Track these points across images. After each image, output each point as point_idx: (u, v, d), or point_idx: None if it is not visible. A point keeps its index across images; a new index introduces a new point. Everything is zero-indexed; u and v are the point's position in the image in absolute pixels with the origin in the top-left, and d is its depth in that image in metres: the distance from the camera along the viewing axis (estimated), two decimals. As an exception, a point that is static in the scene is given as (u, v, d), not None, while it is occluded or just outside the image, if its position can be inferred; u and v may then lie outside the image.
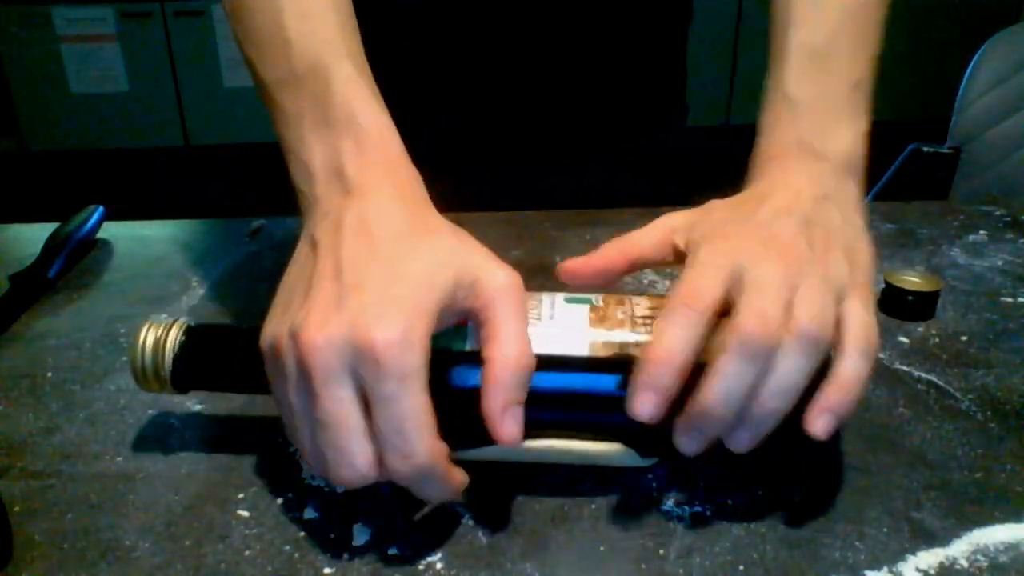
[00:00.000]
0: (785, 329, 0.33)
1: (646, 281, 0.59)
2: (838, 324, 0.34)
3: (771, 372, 0.33)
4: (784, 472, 0.39)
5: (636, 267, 0.41)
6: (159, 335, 0.38)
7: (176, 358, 0.38)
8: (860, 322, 0.34)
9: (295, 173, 0.40)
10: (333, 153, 0.38)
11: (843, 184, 0.40)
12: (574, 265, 0.41)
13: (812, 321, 0.33)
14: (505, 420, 0.32)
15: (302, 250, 0.37)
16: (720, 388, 0.32)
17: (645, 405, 0.33)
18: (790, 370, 0.33)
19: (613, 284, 0.41)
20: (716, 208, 0.40)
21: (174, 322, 0.39)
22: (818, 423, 0.33)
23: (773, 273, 0.34)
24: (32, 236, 0.65)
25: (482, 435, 0.33)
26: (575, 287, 0.41)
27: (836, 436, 0.42)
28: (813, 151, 0.41)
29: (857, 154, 0.42)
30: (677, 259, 0.39)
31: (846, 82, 0.43)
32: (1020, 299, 0.57)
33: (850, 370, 0.33)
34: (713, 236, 0.37)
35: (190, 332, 0.39)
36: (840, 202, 0.39)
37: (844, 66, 0.44)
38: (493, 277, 0.34)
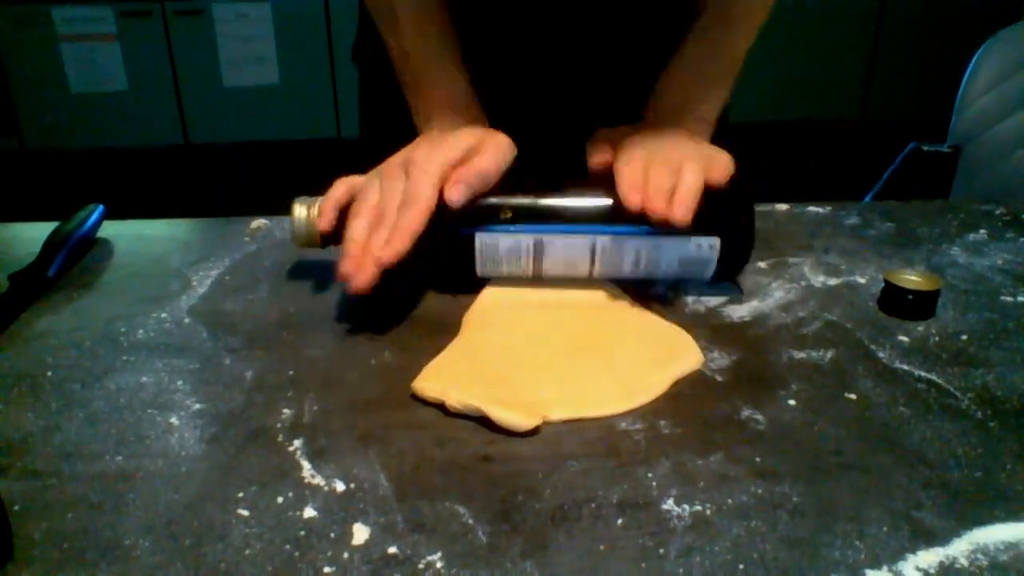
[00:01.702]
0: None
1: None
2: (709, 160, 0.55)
3: (681, 174, 0.53)
4: (784, 471, 0.39)
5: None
6: (309, 209, 0.57)
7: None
8: (720, 154, 0.56)
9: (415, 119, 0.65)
10: (424, 106, 0.64)
11: (700, 130, 0.63)
12: (601, 167, 0.59)
13: (694, 157, 0.55)
14: (452, 188, 0.53)
15: None
16: (655, 184, 0.53)
17: (633, 202, 0.52)
18: (690, 171, 0.53)
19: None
20: (628, 129, 0.61)
21: (315, 199, 0.57)
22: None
23: (665, 153, 0.55)
24: (32, 235, 0.65)
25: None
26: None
27: (837, 436, 0.42)
28: (687, 112, 0.63)
29: (713, 117, 0.65)
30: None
31: (726, 62, 0.66)
32: (1020, 299, 0.57)
33: (722, 164, 0.55)
34: (632, 146, 0.57)
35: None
36: (696, 136, 0.61)
37: (726, 49, 0.66)
38: (492, 137, 0.57)
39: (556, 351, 0.49)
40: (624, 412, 0.44)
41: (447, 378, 0.46)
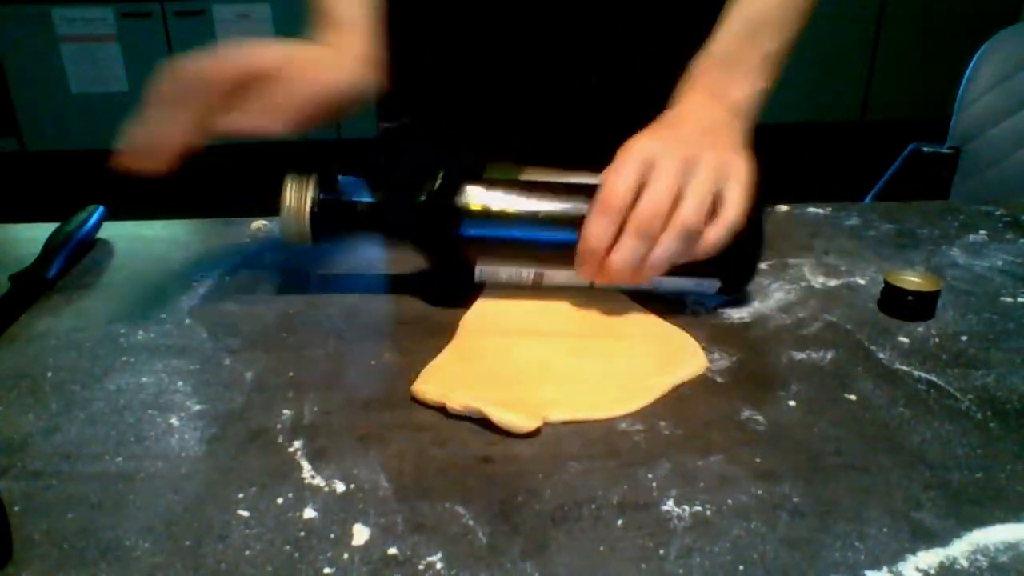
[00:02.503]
0: (669, 220, 0.47)
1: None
2: (720, 198, 0.48)
3: (654, 248, 0.47)
4: (784, 471, 0.39)
5: None
6: (303, 193, 0.51)
7: (313, 211, 0.51)
8: (734, 202, 0.48)
9: None
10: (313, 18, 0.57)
11: (731, 120, 0.54)
12: None
13: (691, 215, 0.47)
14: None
15: None
16: (618, 259, 0.47)
17: (584, 274, 0.48)
18: (666, 250, 0.47)
19: None
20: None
21: (311, 179, 0.51)
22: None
23: (671, 165, 0.47)
24: (32, 236, 0.65)
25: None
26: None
27: (837, 436, 0.42)
28: (715, 95, 0.55)
29: (749, 104, 0.56)
30: None
31: (760, 50, 0.58)
32: (1020, 299, 0.57)
33: (715, 236, 0.48)
34: (631, 142, 0.49)
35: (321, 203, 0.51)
36: (726, 129, 0.53)
37: (764, 38, 0.58)
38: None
39: (556, 352, 0.49)
40: (625, 414, 0.44)
41: (447, 380, 0.46)
